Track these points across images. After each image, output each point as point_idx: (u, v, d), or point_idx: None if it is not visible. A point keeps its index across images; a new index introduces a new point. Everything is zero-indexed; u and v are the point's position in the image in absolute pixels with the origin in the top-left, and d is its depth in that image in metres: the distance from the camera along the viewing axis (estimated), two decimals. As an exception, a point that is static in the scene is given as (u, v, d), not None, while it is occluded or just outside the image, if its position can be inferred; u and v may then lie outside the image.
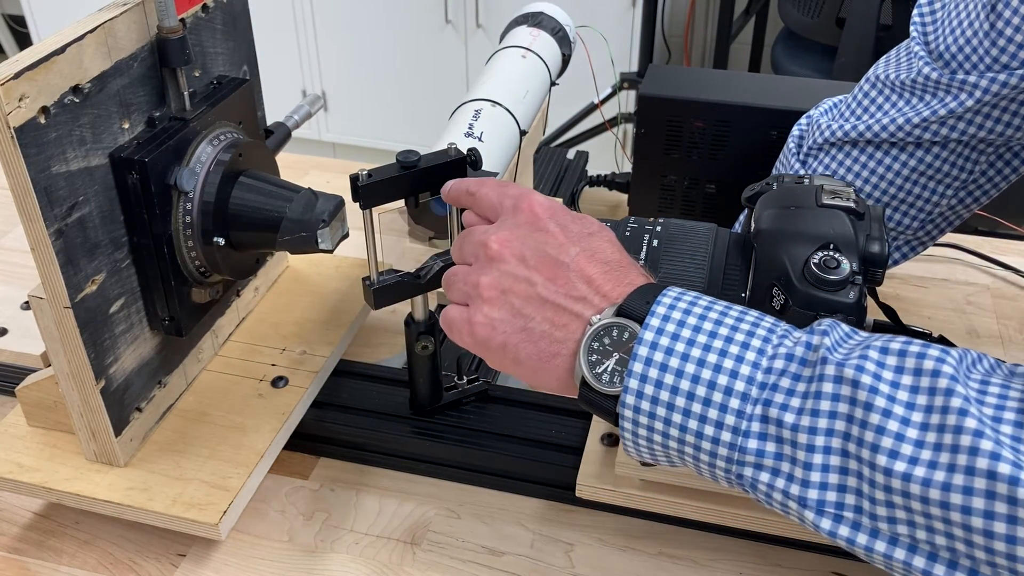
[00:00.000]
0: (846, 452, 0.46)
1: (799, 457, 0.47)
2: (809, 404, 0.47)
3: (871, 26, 1.86)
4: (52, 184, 0.58)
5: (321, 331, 0.82)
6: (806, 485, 0.47)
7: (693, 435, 0.49)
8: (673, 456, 0.51)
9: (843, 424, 0.46)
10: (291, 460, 0.77)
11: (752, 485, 0.49)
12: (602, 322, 0.51)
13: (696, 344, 0.49)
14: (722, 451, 0.49)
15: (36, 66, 0.55)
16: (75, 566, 0.69)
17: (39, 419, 0.72)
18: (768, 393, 0.48)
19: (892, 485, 0.44)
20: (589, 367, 0.51)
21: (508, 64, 0.90)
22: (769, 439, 0.48)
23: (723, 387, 0.48)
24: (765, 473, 0.48)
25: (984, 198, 0.77)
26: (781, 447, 0.47)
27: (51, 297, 0.61)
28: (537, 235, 0.54)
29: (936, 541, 0.44)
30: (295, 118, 0.88)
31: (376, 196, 0.64)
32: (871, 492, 0.45)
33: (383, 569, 0.68)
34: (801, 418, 0.47)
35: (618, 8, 2.40)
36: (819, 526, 0.47)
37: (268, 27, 2.51)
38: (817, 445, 0.46)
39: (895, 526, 0.45)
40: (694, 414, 0.49)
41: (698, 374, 0.48)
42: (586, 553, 0.69)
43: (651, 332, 0.50)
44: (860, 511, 0.46)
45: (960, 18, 0.69)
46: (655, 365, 0.49)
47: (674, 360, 0.49)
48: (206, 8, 0.71)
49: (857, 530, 0.46)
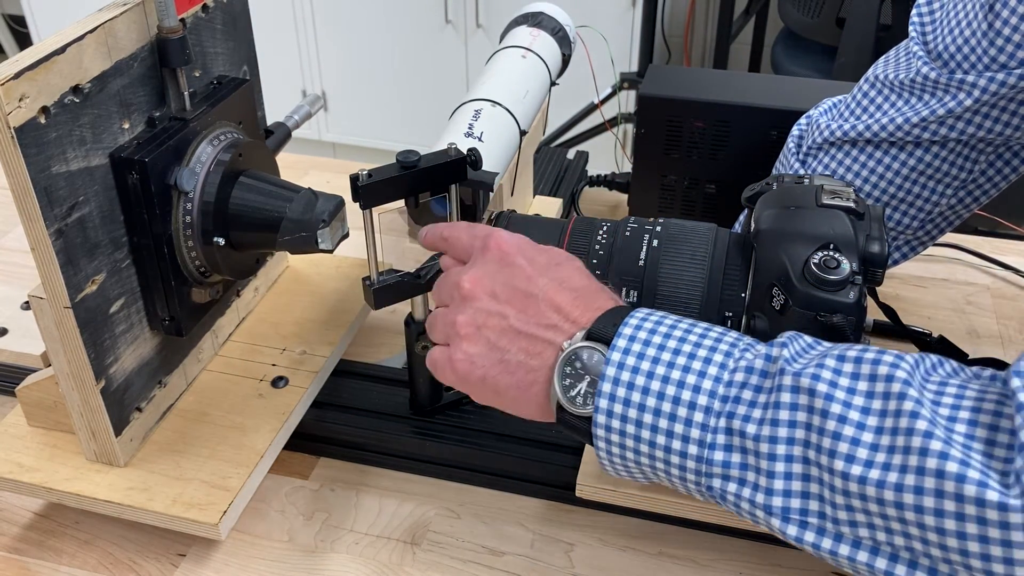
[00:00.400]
0: (807, 459, 0.47)
1: (762, 466, 0.48)
2: (769, 414, 0.48)
3: (871, 26, 1.86)
4: (52, 184, 0.58)
5: (321, 331, 0.82)
6: (770, 493, 0.48)
7: (662, 450, 0.51)
8: (647, 472, 0.53)
9: (802, 432, 0.47)
10: (291, 460, 0.77)
11: (722, 496, 0.50)
12: (573, 347, 0.53)
13: (660, 362, 0.51)
14: (690, 464, 0.50)
15: (36, 66, 0.55)
16: (75, 566, 0.69)
17: (39, 419, 0.72)
18: (731, 406, 0.49)
19: (850, 489, 0.45)
20: (563, 391, 0.53)
21: (508, 64, 0.90)
22: (734, 450, 0.49)
23: (687, 402, 0.50)
24: (732, 484, 0.49)
25: (984, 198, 0.77)
26: (746, 457, 0.49)
27: (51, 297, 0.61)
28: (506, 270, 0.56)
29: (895, 542, 0.45)
30: (295, 118, 0.88)
31: (376, 196, 0.64)
32: (832, 497, 0.46)
33: (383, 569, 0.68)
34: (762, 428, 0.48)
35: (618, 8, 2.40)
36: (785, 532, 0.48)
37: (268, 27, 2.51)
38: (779, 454, 0.47)
39: (857, 529, 0.46)
40: (661, 429, 0.50)
41: (663, 390, 0.50)
42: (586, 553, 0.69)
43: (618, 353, 0.51)
44: (823, 516, 0.47)
45: (958, 18, 0.69)
46: (622, 384, 0.51)
47: (640, 378, 0.50)
48: (206, 8, 0.71)
49: (822, 535, 0.47)
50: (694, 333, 0.52)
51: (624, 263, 0.62)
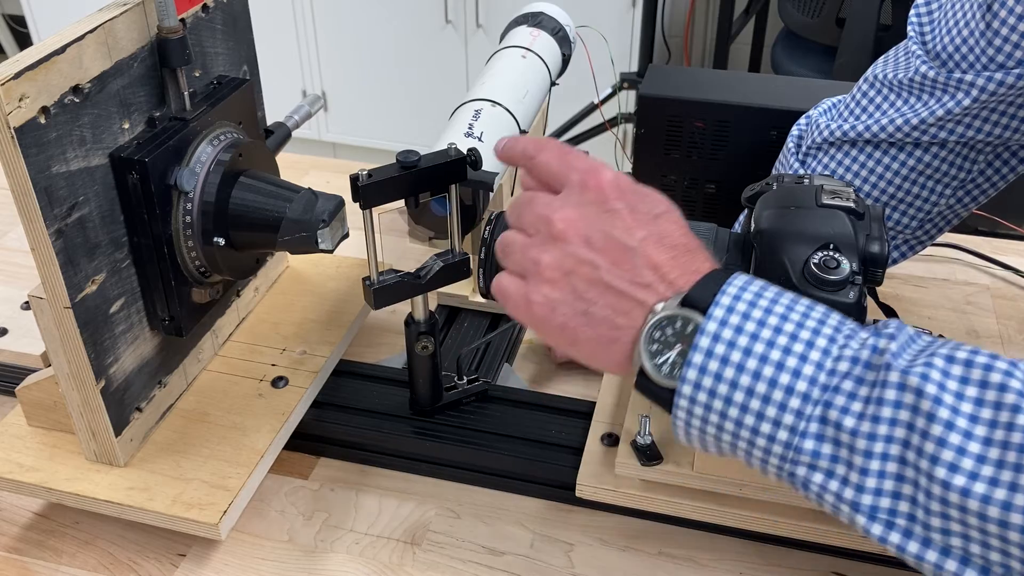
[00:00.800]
0: (904, 460, 0.45)
1: (856, 462, 0.46)
2: (871, 410, 0.46)
3: (871, 26, 1.86)
4: (52, 184, 0.58)
5: (321, 331, 0.82)
6: (860, 490, 0.46)
7: (748, 431, 0.48)
8: (724, 447, 0.50)
9: (903, 432, 0.45)
10: (291, 460, 0.77)
11: (804, 484, 0.48)
12: (665, 312, 0.50)
13: (760, 339, 0.48)
14: (777, 448, 0.48)
15: (36, 66, 0.55)
16: (75, 566, 0.69)
17: (39, 419, 0.72)
18: (829, 395, 0.47)
19: (949, 499, 0.43)
20: (649, 357, 0.50)
21: (508, 64, 0.90)
22: (826, 441, 0.47)
23: (784, 386, 0.47)
24: (819, 474, 0.47)
25: (982, 197, 0.77)
26: (838, 450, 0.47)
27: (51, 297, 0.61)
28: (605, 217, 0.52)
29: (990, 557, 0.43)
30: (295, 118, 0.88)
31: (376, 196, 0.64)
32: (927, 503, 0.44)
33: (383, 569, 0.68)
34: (861, 423, 0.46)
35: (618, 8, 2.40)
36: (870, 531, 0.46)
37: (268, 27, 2.50)
38: (875, 451, 0.45)
39: (949, 538, 0.44)
40: (752, 410, 0.48)
41: (759, 370, 0.47)
42: (586, 553, 0.69)
43: (714, 323, 0.48)
44: (913, 519, 0.45)
45: (956, 18, 0.69)
46: (716, 358, 0.48)
47: (736, 354, 0.48)
48: (206, 8, 0.71)
49: (909, 538, 0.46)
50: (796, 311, 0.49)
51: (624, 263, 0.62)
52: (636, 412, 0.69)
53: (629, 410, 0.70)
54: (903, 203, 0.76)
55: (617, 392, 0.76)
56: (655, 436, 0.67)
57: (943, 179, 0.74)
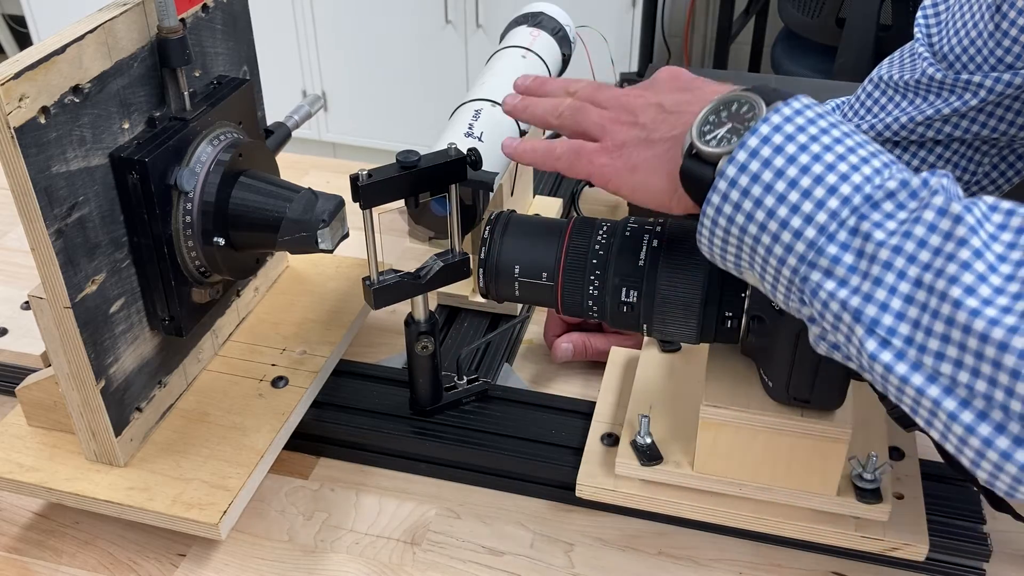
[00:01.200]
0: (919, 282, 0.45)
1: (872, 272, 0.46)
2: (905, 227, 0.46)
3: (871, 26, 1.86)
4: (52, 184, 0.58)
5: (321, 331, 0.82)
6: (867, 299, 0.46)
7: (777, 223, 0.48)
8: (745, 249, 0.51)
9: (928, 255, 0.45)
10: (291, 460, 0.77)
11: (813, 292, 0.48)
12: (728, 94, 0.52)
13: (818, 142, 0.48)
14: (799, 247, 0.48)
15: (36, 66, 0.55)
16: (75, 566, 0.69)
17: (39, 419, 0.72)
18: (869, 208, 0.47)
19: (957, 318, 0.44)
20: (699, 134, 0.52)
21: (508, 64, 0.90)
22: (851, 251, 0.47)
23: (829, 185, 0.47)
24: (832, 282, 0.47)
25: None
26: (859, 261, 0.47)
27: (51, 297, 0.61)
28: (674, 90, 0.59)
29: (976, 386, 0.44)
30: (295, 118, 0.88)
31: (376, 196, 0.64)
32: (931, 323, 0.45)
33: (383, 569, 0.68)
34: (891, 238, 0.46)
35: (618, 8, 2.40)
36: (864, 344, 0.47)
37: (268, 27, 2.51)
38: (895, 266, 0.46)
39: (940, 363, 0.45)
40: (788, 202, 0.48)
41: (809, 166, 0.48)
42: (586, 553, 0.69)
43: (779, 116, 0.49)
44: (910, 342, 0.46)
45: (964, 19, 0.69)
46: (771, 145, 0.49)
47: (791, 147, 0.48)
48: (206, 8, 0.71)
49: (900, 359, 0.46)
50: (858, 136, 0.50)
51: (624, 263, 0.62)
52: (636, 412, 0.69)
53: (629, 410, 0.70)
54: None
55: (617, 392, 0.76)
56: (655, 436, 0.67)
57: None
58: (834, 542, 0.65)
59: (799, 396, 0.60)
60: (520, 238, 0.66)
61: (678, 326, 0.62)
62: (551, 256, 0.64)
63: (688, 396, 0.69)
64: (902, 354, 0.46)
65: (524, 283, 0.66)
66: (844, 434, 0.60)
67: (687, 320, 0.62)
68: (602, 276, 0.63)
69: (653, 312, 0.62)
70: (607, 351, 0.80)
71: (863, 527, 0.64)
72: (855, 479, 0.63)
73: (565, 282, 0.64)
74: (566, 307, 0.66)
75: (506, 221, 0.66)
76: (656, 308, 0.62)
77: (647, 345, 0.75)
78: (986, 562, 0.66)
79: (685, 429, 0.67)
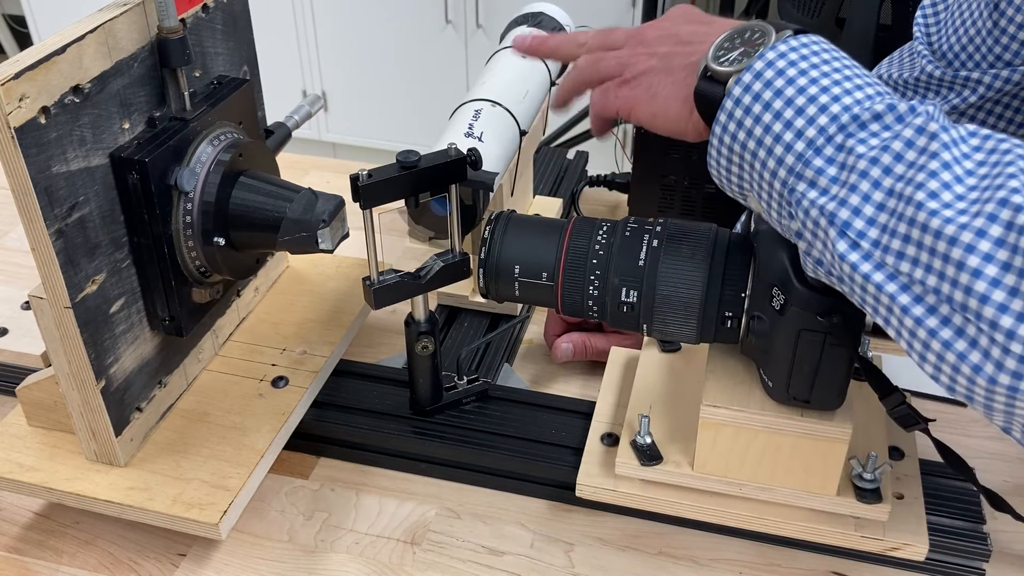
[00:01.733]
0: (891, 191, 0.48)
1: (850, 180, 0.49)
2: (885, 142, 0.49)
3: (871, 26, 1.86)
4: (52, 184, 0.58)
5: (321, 331, 0.82)
6: (842, 204, 0.49)
7: (772, 138, 0.52)
8: (745, 167, 0.54)
9: (903, 168, 0.48)
10: (291, 460, 0.77)
11: (798, 201, 0.51)
12: (743, 24, 0.55)
13: (818, 69, 0.52)
14: (788, 160, 0.51)
15: (36, 66, 0.55)
16: (75, 566, 0.69)
17: (39, 419, 0.72)
18: (856, 127, 0.50)
19: (917, 218, 0.46)
20: (714, 57, 0.55)
21: (508, 64, 0.90)
22: (835, 164, 0.50)
23: (821, 104, 0.51)
24: (814, 191, 0.50)
25: None
26: (841, 172, 0.50)
27: (51, 297, 0.61)
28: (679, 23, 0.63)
29: (928, 281, 0.46)
30: (295, 118, 0.88)
31: (376, 196, 0.64)
32: (895, 226, 0.48)
33: (383, 569, 0.68)
34: (871, 151, 0.49)
35: (618, 8, 2.40)
36: (835, 245, 0.49)
37: (268, 27, 2.50)
38: (871, 175, 0.49)
39: (900, 262, 0.48)
40: (783, 118, 0.51)
41: (806, 88, 0.51)
42: (586, 553, 0.69)
43: (786, 45, 0.53)
44: (876, 244, 0.48)
45: (963, 18, 0.69)
46: (775, 69, 0.52)
47: (792, 71, 0.52)
48: (206, 8, 0.71)
49: (866, 260, 0.49)
50: (860, 70, 0.53)
51: (624, 263, 0.62)
52: (636, 412, 0.69)
53: (629, 410, 0.70)
54: None
55: (617, 392, 0.76)
56: (655, 436, 0.67)
57: None
58: (834, 542, 0.65)
59: (799, 396, 0.60)
60: (520, 238, 0.66)
61: (678, 326, 0.62)
62: (551, 256, 0.65)
63: (688, 396, 0.69)
64: (869, 255, 0.49)
65: (524, 283, 0.66)
66: (844, 434, 0.60)
67: (687, 320, 0.62)
68: (602, 276, 0.63)
69: (653, 312, 0.62)
70: (607, 351, 0.80)
71: (863, 527, 0.64)
72: (855, 479, 0.63)
73: (565, 282, 0.64)
74: (566, 307, 0.66)
75: (506, 221, 0.66)
76: (656, 308, 0.62)
77: (647, 345, 0.75)
78: (986, 562, 0.66)
79: (685, 429, 0.67)
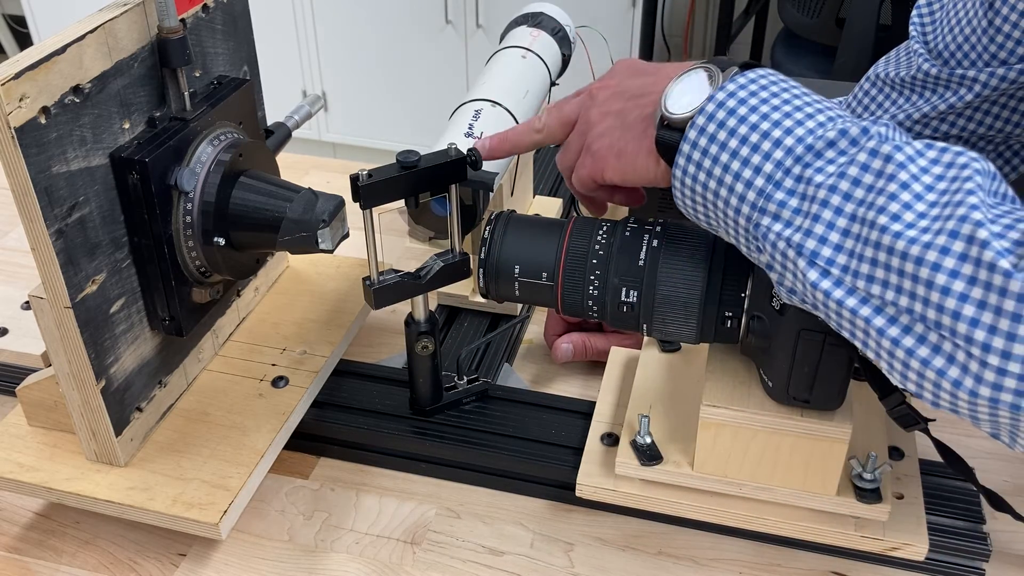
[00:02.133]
0: (854, 216, 0.49)
1: (812, 210, 0.50)
2: (841, 169, 0.50)
3: (871, 26, 1.86)
4: (52, 184, 0.58)
5: (321, 331, 0.82)
6: (808, 235, 0.50)
7: (732, 176, 0.53)
8: (709, 206, 0.55)
9: (862, 192, 0.49)
10: (291, 460, 0.77)
11: (764, 235, 0.52)
12: (690, 67, 0.57)
13: (768, 103, 0.53)
14: (750, 196, 0.52)
15: (37, 66, 0.55)
16: (75, 566, 0.69)
17: (39, 419, 0.72)
18: (812, 157, 0.51)
19: (882, 241, 0.48)
20: (668, 105, 0.56)
21: (508, 64, 0.90)
22: (796, 195, 0.51)
23: (775, 139, 0.52)
24: (779, 224, 0.51)
25: None
26: (803, 203, 0.51)
27: (51, 297, 0.61)
28: (628, 79, 0.64)
29: (900, 303, 0.48)
30: (295, 118, 0.88)
31: (376, 196, 0.64)
32: (862, 251, 0.49)
33: (383, 569, 0.68)
34: (828, 179, 0.50)
35: (618, 8, 2.40)
36: (806, 275, 0.51)
37: (268, 27, 2.51)
38: (831, 203, 0.50)
39: (871, 286, 0.49)
40: (740, 156, 0.53)
41: (758, 124, 0.52)
42: (586, 553, 0.69)
43: (734, 84, 0.54)
44: (846, 270, 0.50)
45: (959, 16, 0.69)
46: (725, 108, 0.53)
47: (743, 109, 0.53)
48: (206, 8, 0.71)
49: (838, 286, 0.50)
50: (811, 96, 0.54)
51: (624, 263, 0.62)
52: (636, 412, 0.69)
53: (629, 410, 0.70)
54: None
55: (617, 392, 0.76)
56: (655, 436, 0.67)
57: None
58: (834, 542, 0.65)
59: (799, 396, 0.60)
60: (520, 238, 0.66)
61: (678, 326, 0.62)
62: (551, 256, 0.65)
63: (688, 396, 0.69)
64: (839, 281, 0.50)
65: (524, 283, 0.66)
66: (844, 434, 0.60)
67: (687, 320, 0.62)
68: (602, 276, 0.63)
69: (653, 312, 0.62)
70: (607, 351, 0.80)
71: (863, 527, 0.64)
72: (855, 479, 0.63)
73: (565, 282, 0.64)
74: (566, 307, 0.66)
75: (506, 221, 0.66)
76: (656, 308, 0.62)
77: (647, 345, 0.75)
78: (986, 562, 0.66)
79: (685, 429, 0.67)
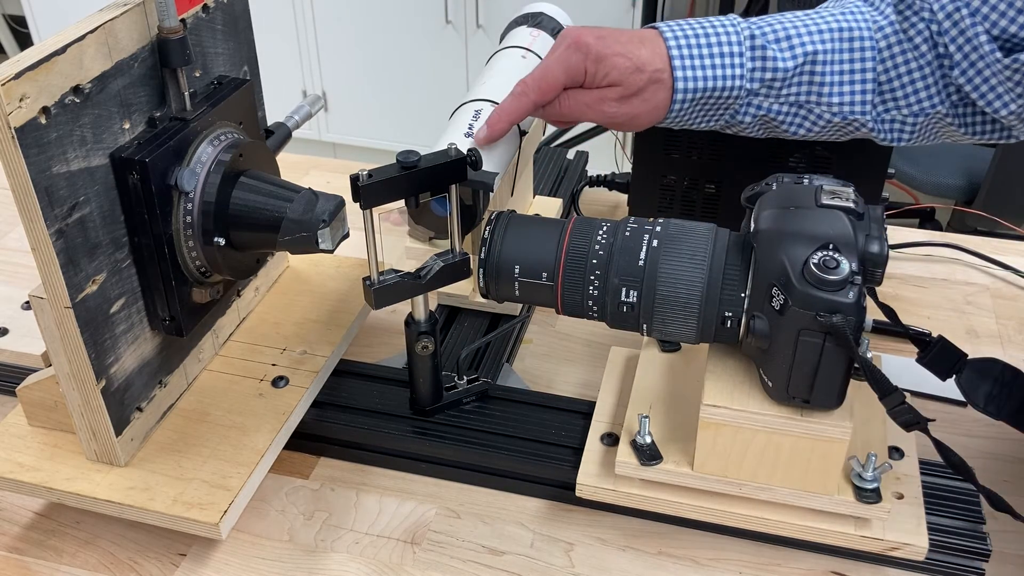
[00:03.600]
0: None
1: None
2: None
3: (871, 26, 1.85)
4: (53, 184, 0.58)
5: (321, 331, 0.82)
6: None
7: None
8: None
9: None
10: (291, 460, 0.77)
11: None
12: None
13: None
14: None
15: (37, 66, 0.55)
16: (75, 566, 0.69)
17: (40, 419, 0.72)
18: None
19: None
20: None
21: (508, 64, 0.90)
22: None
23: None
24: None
25: (972, 129, 0.77)
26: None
27: (52, 297, 0.61)
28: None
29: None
30: (295, 118, 0.88)
31: (376, 196, 0.64)
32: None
33: (383, 569, 0.68)
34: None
35: (618, 8, 2.40)
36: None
37: (268, 27, 2.51)
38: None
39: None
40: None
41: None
42: (586, 553, 0.70)
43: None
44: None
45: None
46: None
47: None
48: (206, 8, 0.71)
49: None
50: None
51: (624, 263, 0.62)
52: (636, 412, 0.69)
53: (629, 410, 0.70)
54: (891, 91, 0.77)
55: (617, 392, 0.76)
56: (655, 436, 0.67)
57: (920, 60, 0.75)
58: (834, 542, 0.65)
59: (799, 396, 0.60)
60: (520, 238, 0.66)
61: (678, 326, 0.62)
62: (551, 256, 0.65)
63: (688, 396, 0.69)
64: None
65: (524, 283, 0.66)
66: (844, 434, 0.60)
67: (687, 320, 0.62)
68: (602, 276, 0.63)
69: (653, 312, 0.62)
70: None
71: (863, 527, 0.64)
72: (855, 479, 0.63)
73: (565, 282, 0.64)
74: (566, 307, 0.66)
75: (506, 221, 0.67)
76: (656, 308, 0.62)
77: (647, 345, 0.75)
78: (986, 562, 0.66)
79: (685, 429, 0.67)
